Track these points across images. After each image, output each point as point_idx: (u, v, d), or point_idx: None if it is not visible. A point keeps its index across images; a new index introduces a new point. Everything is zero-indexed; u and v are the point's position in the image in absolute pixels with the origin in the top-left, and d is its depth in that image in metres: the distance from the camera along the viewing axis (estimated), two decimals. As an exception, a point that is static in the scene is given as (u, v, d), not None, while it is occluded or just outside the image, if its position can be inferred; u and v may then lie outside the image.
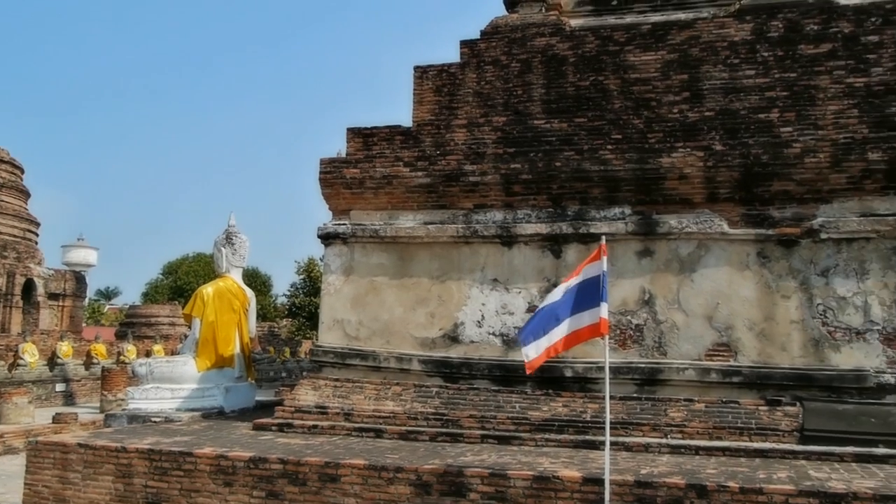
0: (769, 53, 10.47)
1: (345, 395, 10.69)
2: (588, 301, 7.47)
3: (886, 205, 9.50)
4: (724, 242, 9.90)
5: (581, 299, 7.59)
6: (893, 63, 9.99)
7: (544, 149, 10.65)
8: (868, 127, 9.65)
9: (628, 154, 10.22)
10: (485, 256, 10.77)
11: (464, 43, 12.06)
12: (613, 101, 10.84)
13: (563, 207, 10.56)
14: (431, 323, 10.86)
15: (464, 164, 10.86)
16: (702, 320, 9.87)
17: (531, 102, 11.17)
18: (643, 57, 10.92)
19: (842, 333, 9.45)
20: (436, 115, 11.58)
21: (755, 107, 10.17)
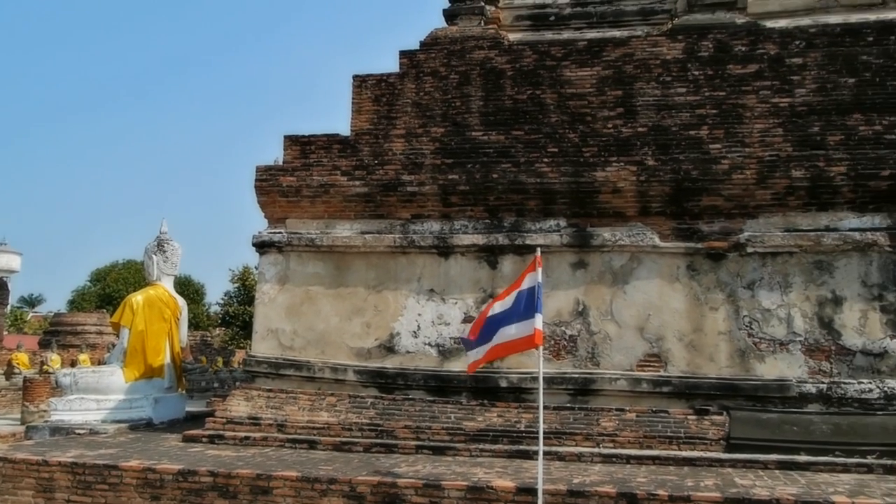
0: (700, 72, 10.80)
1: (278, 406, 10.53)
2: (523, 312, 7.54)
3: (808, 220, 9.88)
4: (655, 255, 10.14)
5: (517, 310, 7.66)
6: (816, 85, 10.43)
7: (482, 160, 10.74)
8: (792, 145, 10.03)
9: (564, 167, 10.38)
10: (422, 267, 10.77)
11: (403, 53, 12.09)
12: (550, 114, 11.01)
13: (499, 219, 10.65)
14: (367, 333, 10.80)
15: (402, 174, 10.86)
16: (634, 331, 10.07)
17: (469, 114, 11.25)
18: (579, 72, 11.13)
19: (766, 344, 9.77)
20: (374, 124, 11.55)
21: (686, 123, 10.47)
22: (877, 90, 10.23)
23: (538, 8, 12.93)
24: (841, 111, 10.17)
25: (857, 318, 9.58)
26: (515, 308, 7.62)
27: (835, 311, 9.66)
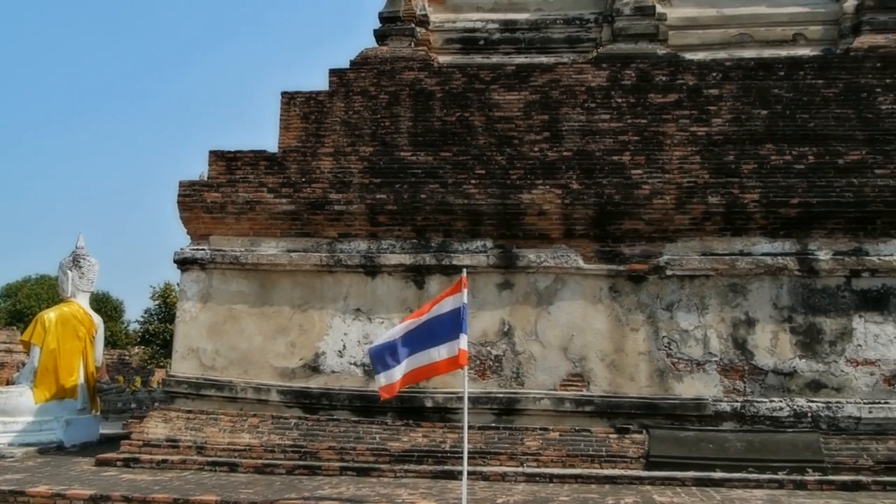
0: (623, 100, 11.13)
1: (198, 428, 10.25)
2: (449, 332, 7.57)
3: (724, 245, 10.27)
4: (579, 277, 10.35)
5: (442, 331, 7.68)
6: (731, 115, 10.88)
7: (410, 181, 10.78)
8: (709, 173, 10.42)
9: (491, 189, 10.52)
10: (348, 286, 10.71)
11: (333, 72, 12.07)
12: (478, 137, 11.16)
13: (427, 239, 10.70)
14: (292, 352, 10.64)
15: (329, 193, 10.80)
16: (557, 351, 10.23)
17: (398, 134, 11.30)
18: (507, 96, 11.33)
19: (684, 364, 10.07)
20: (302, 142, 11.47)
21: (609, 149, 10.76)
22: (787, 122, 10.75)
23: (468, 32, 13.12)
24: (754, 141, 10.64)
25: (769, 339, 9.98)
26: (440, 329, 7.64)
27: (748, 333, 10.03)
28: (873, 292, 9.93)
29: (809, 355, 9.87)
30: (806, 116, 10.74)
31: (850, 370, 9.76)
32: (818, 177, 10.18)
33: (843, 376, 9.76)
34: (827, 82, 10.96)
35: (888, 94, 10.77)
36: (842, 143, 10.48)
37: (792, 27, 12.32)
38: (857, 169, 10.19)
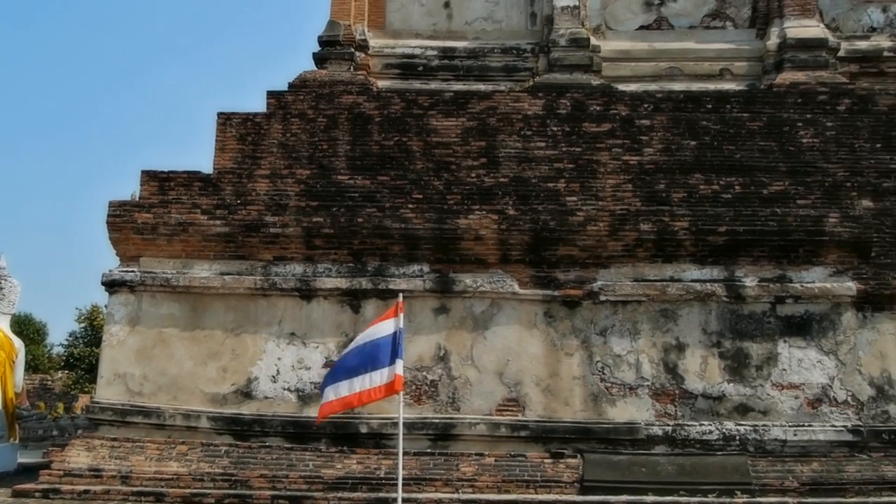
0: (558, 128, 11.36)
1: (123, 456, 9.89)
2: (384, 358, 7.55)
3: (655, 271, 10.50)
4: (514, 302, 10.43)
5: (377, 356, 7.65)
6: (662, 145, 11.21)
7: (347, 204, 10.73)
8: (641, 200, 10.68)
9: (428, 214, 10.55)
10: (283, 310, 10.55)
11: (271, 94, 11.99)
12: (416, 161, 11.21)
13: (363, 263, 10.64)
14: (224, 378, 10.40)
15: (265, 215, 10.66)
16: (493, 376, 10.26)
17: (336, 158, 11.26)
18: (445, 122, 11.43)
19: (617, 389, 10.21)
20: (238, 163, 11.33)
21: (545, 176, 10.94)
22: (715, 153, 11.13)
23: (407, 58, 13.23)
24: (684, 170, 10.97)
25: (699, 363, 10.22)
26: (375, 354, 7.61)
27: (679, 357, 10.25)
28: (797, 318, 10.28)
29: (737, 379, 10.13)
30: (732, 148, 11.14)
31: (776, 394, 10.06)
32: (744, 206, 10.54)
33: (769, 400, 10.04)
34: (752, 116, 11.40)
35: (808, 128, 11.27)
36: (766, 174, 10.89)
37: (719, 62, 12.81)
38: (780, 199, 10.59)
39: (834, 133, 11.25)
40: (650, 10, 13.39)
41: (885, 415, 9.87)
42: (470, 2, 13.71)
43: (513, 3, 13.64)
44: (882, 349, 10.10)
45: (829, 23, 13.00)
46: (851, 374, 10.02)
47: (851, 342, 10.11)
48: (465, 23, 13.62)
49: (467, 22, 13.62)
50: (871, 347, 10.11)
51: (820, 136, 11.21)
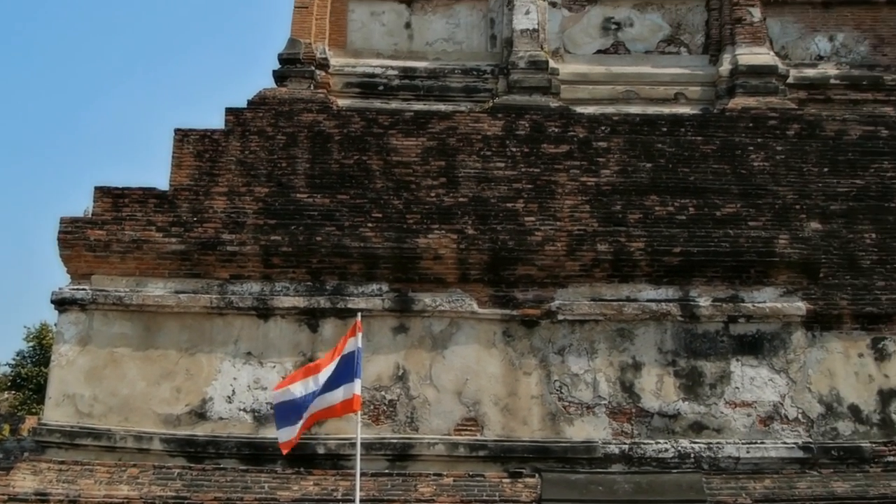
0: (517, 149, 11.48)
1: (71, 480, 9.61)
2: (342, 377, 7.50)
3: (612, 291, 10.63)
4: (473, 321, 10.45)
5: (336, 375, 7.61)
6: (618, 167, 11.40)
7: (306, 222, 10.67)
8: (598, 221, 10.83)
9: (387, 233, 10.55)
10: (239, 329, 10.41)
11: (229, 111, 11.92)
12: (376, 180, 11.21)
13: (322, 282, 10.57)
14: (177, 398, 10.20)
15: (222, 233, 10.54)
16: (452, 396, 10.24)
17: (295, 176, 11.21)
18: (405, 141, 11.48)
19: (575, 408, 10.27)
20: (195, 180, 11.21)
21: (504, 196, 11.03)
22: (670, 175, 11.35)
23: (368, 77, 13.27)
24: (640, 192, 11.16)
25: (655, 382, 10.33)
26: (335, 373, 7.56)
27: (635, 376, 10.36)
28: (749, 337, 10.48)
29: (692, 398, 10.27)
30: (687, 170, 11.37)
31: (729, 412, 10.21)
32: (698, 227, 10.74)
33: (723, 418, 10.19)
34: (705, 139, 11.67)
35: (759, 151, 11.57)
36: (719, 196, 11.13)
37: (674, 87, 13.11)
38: (732, 221, 10.83)
39: (784, 157, 11.56)
40: (607, 34, 13.66)
41: (833, 432, 10.09)
42: (431, 23, 13.84)
43: (473, 25, 13.81)
44: (830, 367, 10.35)
45: (779, 51, 13.41)
46: (802, 392, 10.24)
47: (801, 361, 10.34)
48: (426, 43, 13.73)
49: (428, 43, 13.74)
50: (820, 366, 10.36)
51: (770, 160, 11.52)
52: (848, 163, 11.60)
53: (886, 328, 10.47)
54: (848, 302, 10.49)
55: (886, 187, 11.45)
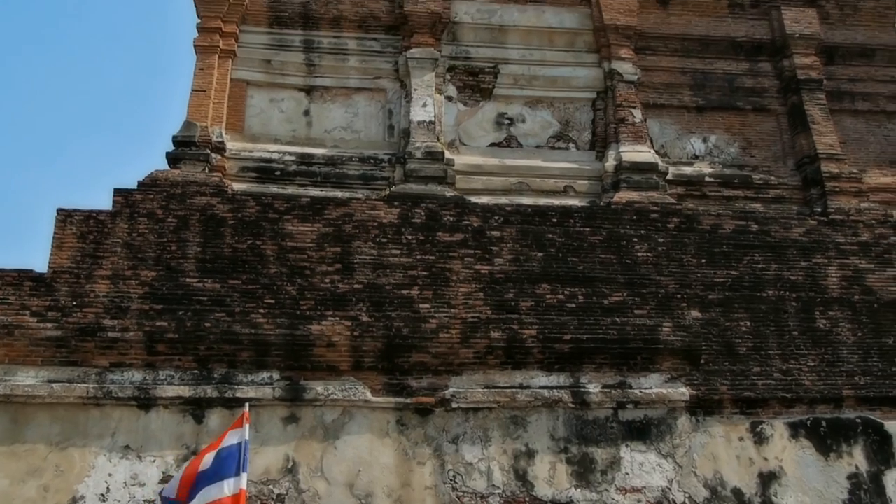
0: (413, 237, 11.62)
1: None
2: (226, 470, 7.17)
3: (505, 378, 10.71)
4: (366, 410, 10.27)
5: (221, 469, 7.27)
6: (511, 256, 11.69)
7: (195, 308, 10.34)
8: (491, 309, 10.99)
9: (280, 319, 10.34)
10: (117, 420, 9.82)
11: (118, 191, 11.59)
12: (269, 266, 11.05)
13: (209, 370, 10.19)
14: (44, 497, 9.42)
15: (103, 319, 10.06)
16: (343, 488, 9.92)
17: (185, 260, 10.91)
18: (301, 227, 11.42)
19: (469, 498, 10.13)
20: (77, 262, 10.73)
21: (399, 283, 11.07)
22: (560, 264, 11.73)
23: (265, 162, 13.24)
24: (532, 280, 11.45)
25: (548, 469, 10.36)
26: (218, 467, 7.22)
27: (528, 464, 10.37)
28: (637, 423, 10.73)
29: (584, 485, 10.34)
30: (576, 260, 11.79)
31: (620, 498, 10.32)
32: (587, 315, 11.07)
33: (614, 505, 10.29)
34: (593, 230, 12.19)
35: (643, 243, 12.16)
36: (606, 285, 11.56)
37: (563, 180, 13.71)
38: (619, 309, 11.23)
39: (665, 248, 12.19)
40: (501, 129, 14.24)
41: (718, 516, 10.35)
42: (330, 111, 14.05)
43: (372, 115, 14.11)
44: (714, 452, 10.69)
45: (659, 149, 14.31)
46: (688, 476, 10.50)
47: (687, 445, 10.65)
48: (325, 131, 13.89)
49: (327, 130, 13.90)
50: (704, 450, 10.68)
51: (653, 251, 12.11)
52: (723, 255, 12.34)
53: (763, 412, 10.98)
54: (727, 387, 10.97)
55: (758, 278, 12.20)
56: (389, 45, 14.23)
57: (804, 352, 11.39)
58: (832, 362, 11.35)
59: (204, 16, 13.62)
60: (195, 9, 13.69)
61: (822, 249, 12.61)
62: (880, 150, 14.88)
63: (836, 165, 13.95)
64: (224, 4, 13.60)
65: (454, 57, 14.32)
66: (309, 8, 14.11)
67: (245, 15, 13.90)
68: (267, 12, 14.04)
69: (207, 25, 13.56)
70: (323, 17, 14.09)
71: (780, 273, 12.28)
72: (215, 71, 13.38)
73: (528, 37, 14.54)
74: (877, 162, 14.72)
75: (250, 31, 13.99)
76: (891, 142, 15.01)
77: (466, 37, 14.44)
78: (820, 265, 12.45)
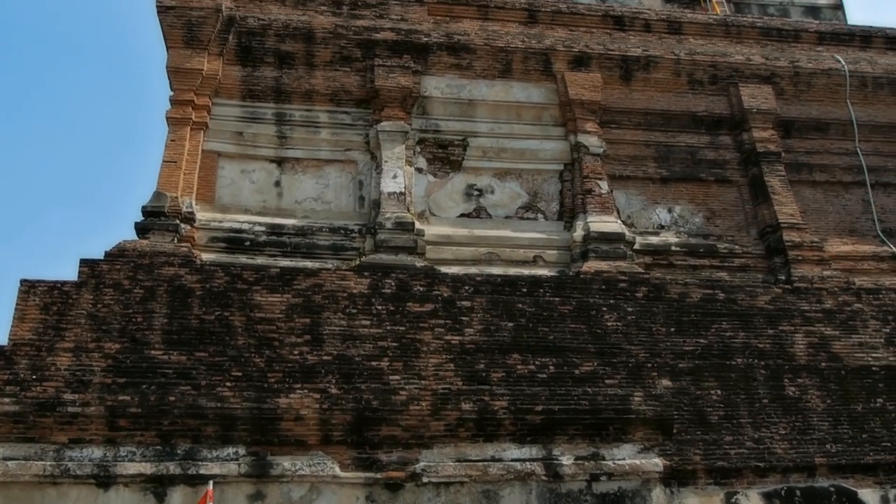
0: (383, 307, 11.56)
1: None
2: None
3: (477, 451, 10.53)
4: (335, 486, 10.00)
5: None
6: (482, 326, 11.67)
7: (159, 381, 10.11)
8: (462, 380, 10.89)
9: (247, 392, 10.13)
10: (75, 499, 9.44)
11: (84, 262, 11.45)
12: (237, 337, 10.90)
13: (172, 445, 9.88)
14: (-7, 584, 8.96)
15: (64, 393, 9.77)
16: (310, 569, 9.58)
17: (151, 332, 10.73)
18: (270, 298, 11.33)
19: (440, 577, 9.82)
20: (39, 334, 10.50)
21: (369, 355, 10.96)
22: (531, 334, 11.72)
23: (234, 232, 13.19)
24: (502, 351, 11.41)
25: (521, 545, 10.12)
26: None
27: (502, 539, 10.12)
28: (611, 495, 10.55)
29: (558, 560, 10.10)
30: (546, 330, 11.80)
31: (594, 574, 10.08)
32: (558, 385, 11.01)
33: (589, 582, 10.03)
34: (563, 300, 12.24)
35: (612, 312, 12.22)
36: (577, 355, 11.55)
37: (532, 250, 13.83)
38: (590, 379, 11.19)
39: (634, 318, 12.26)
40: (470, 199, 14.40)
41: (695, 592, 10.14)
42: (301, 182, 14.12)
43: (342, 186, 14.20)
44: (689, 523, 10.55)
45: (626, 219, 14.55)
46: (663, 550, 10.31)
47: (662, 518, 10.49)
48: (296, 201, 13.93)
49: (297, 201, 13.95)
50: (679, 523, 10.53)
51: (622, 321, 12.17)
52: (692, 323, 12.44)
53: (738, 482, 10.89)
54: (701, 457, 10.90)
55: (727, 346, 12.29)
56: (360, 118, 14.45)
57: (775, 420, 11.41)
58: (803, 430, 11.37)
59: (177, 89, 13.75)
60: (169, 82, 13.85)
61: (788, 317, 12.78)
62: (839, 220, 15.28)
63: (798, 234, 14.27)
64: (198, 78, 13.77)
65: (424, 130, 14.58)
66: (282, 82, 14.33)
67: (218, 88, 14.07)
68: (240, 86, 14.23)
69: (181, 98, 13.69)
70: (295, 91, 14.32)
71: (748, 341, 12.39)
72: (187, 142, 13.44)
73: (497, 111, 14.88)
74: (836, 231, 15.11)
75: (223, 103, 14.14)
76: (849, 211, 15.45)
77: (436, 110, 14.74)
78: (787, 333, 12.60)
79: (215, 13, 14.06)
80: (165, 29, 13.98)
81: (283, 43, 14.37)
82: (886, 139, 15.98)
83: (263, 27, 14.38)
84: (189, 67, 13.74)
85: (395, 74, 14.33)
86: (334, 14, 14.80)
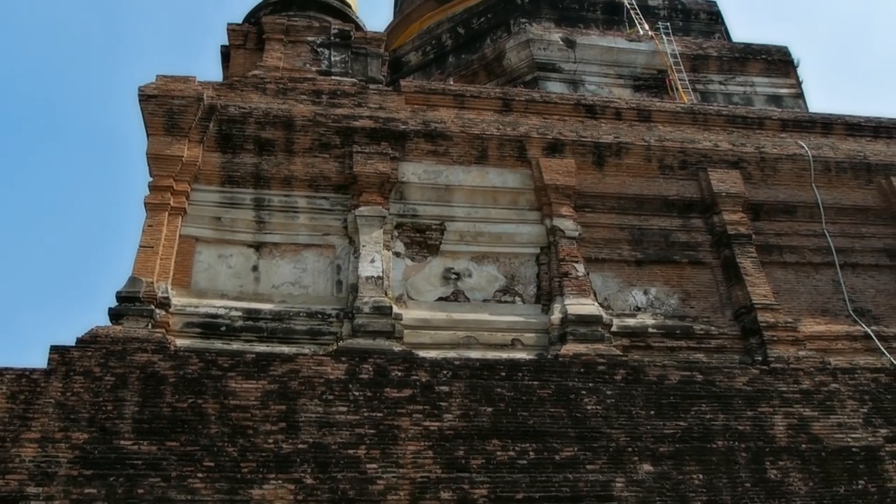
0: (360, 393, 11.41)
1: None
2: None
3: (457, 541, 10.26)
4: (309, 581, 9.64)
5: None
6: (460, 411, 11.52)
7: (128, 472, 9.82)
8: (441, 467, 10.69)
9: (219, 483, 9.87)
10: None
11: (54, 349, 11.25)
12: (210, 426, 10.65)
13: (140, 541, 9.54)
14: None
15: (27, 486, 9.46)
16: None
17: (121, 420, 10.47)
18: (245, 384, 11.15)
19: None
20: (4, 424, 10.21)
21: (346, 442, 10.75)
22: (510, 419, 11.58)
23: (210, 317, 13.06)
24: (482, 436, 11.24)
25: None
26: None
27: None
28: (594, 588, 10.27)
29: None
30: (526, 414, 11.67)
31: None
32: (539, 472, 10.84)
33: None
34: (541, 384, 12.16)
35: (592, 395, 12.14)
36: (557, 440, 11.40)
37: (510, 333, 13.80)
38: (571, 464, 11.04)
39: (614, 401, 12.18)
40: (448, 283, 14.44)
41: None
42: (278, 267, 14.11)
43: (320, 270, 14.20)
44: None
45: (602, 302, 14.61)
46: None
47: None
48: (273, 286, 13.88)
49: (275, 285, 13.90)
50: None
51: (602, 404, 12.08)
52: (671, 406, 12.37)
53: (723, 571, 10.64)
54: (684, 546, 10.67)
55: (707, 429, 12.20)
56: (339, 204, 14.59)
57: (758, 504, 11.25)
58: (787, 515, 11.21)
59: (157, 175, 13.85)
60: (148, 168, 13.95)
61: (766, 398, 12.76)
62: (811, 300, 15.46)
63: (772, 315, 14.40)
64: (178, 165, 13.90)
65: (402, 214, 14.73)
66: (261, 168, 14.51)
67: (198, 174, 14.20)
68: (220, 172, 14.38)
69: (159, 184, 13.77)
70: (275, 177, 14.48)
71: (728, 423, 12.32)
72: (164, 227, 13.44)
73: (473, 195, 15.11)
74: (809, 311, 15.25)
75: (202, 189, 14.24)
76: (820, 291, 15.64)
77: (413, 195, 14.94)
78: (766, 414, 12.55)
79: (197, 102, 14.32)
80: (147, 117, 14.19)
81: (263, 130, 14.62)
82: (852, 221, 16.37)
83: (244, 115, 14.65)
84: (169, 154, 13.89)
85: (374, 161, 14.58)
86: (314, 103, 15.14)
